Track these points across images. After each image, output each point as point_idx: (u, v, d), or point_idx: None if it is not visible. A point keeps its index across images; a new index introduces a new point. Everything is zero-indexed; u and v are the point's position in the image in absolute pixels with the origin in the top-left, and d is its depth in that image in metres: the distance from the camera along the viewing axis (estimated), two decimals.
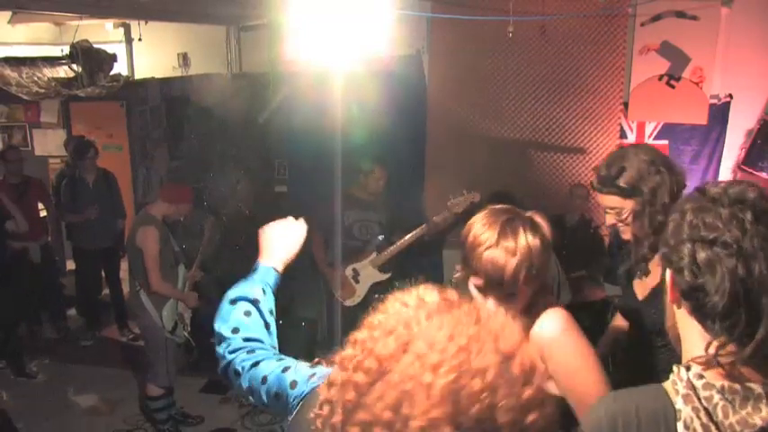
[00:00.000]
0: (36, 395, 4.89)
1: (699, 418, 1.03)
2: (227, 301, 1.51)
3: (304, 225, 1.71)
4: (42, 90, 5.47)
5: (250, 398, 1.38)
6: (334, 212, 4.31)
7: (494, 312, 0.87)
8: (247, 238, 5.81)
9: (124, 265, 5.52)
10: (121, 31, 7.04)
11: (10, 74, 5.29)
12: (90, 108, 7.01)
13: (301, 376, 1.24)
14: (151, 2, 5.17)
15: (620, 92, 5.35)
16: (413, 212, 4.89)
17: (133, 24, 6.78)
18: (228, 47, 6.69)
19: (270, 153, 6.40)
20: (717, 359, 1.04)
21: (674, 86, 5.14)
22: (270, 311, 1.51)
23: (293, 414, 1.20)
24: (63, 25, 6.93)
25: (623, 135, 5.47)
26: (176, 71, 6.94)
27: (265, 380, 1.29)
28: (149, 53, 7.05)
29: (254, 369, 1.34)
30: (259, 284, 1.53)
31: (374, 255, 4.42)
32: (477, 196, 4.21)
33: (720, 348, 1.04)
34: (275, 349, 1.44)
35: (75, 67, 5.49)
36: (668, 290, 1.16)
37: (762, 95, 4.89)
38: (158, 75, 7.03)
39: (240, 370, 1.36)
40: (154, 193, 6.25)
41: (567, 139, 5.58)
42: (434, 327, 0.82)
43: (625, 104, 5.37)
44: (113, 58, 5.82)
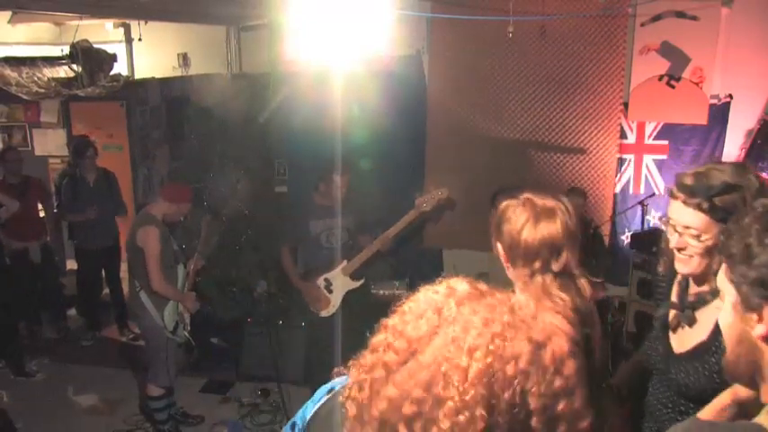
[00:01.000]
0: (36, 395, 4.89)
1: None
2: None
3: None
4: (42, 90, 5.47)
5: None
6: (303, 221, 4.19)
7: (525, 302, 0.89)
8: (247, 238, 5.82)
9: (124, 266, 5.51)
10: (121, 31, 7.05)
11: (10, 74, 5.29)
12: (90, 108, 7.01)
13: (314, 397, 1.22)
14: (151, 2, 5.17)
15: (620, 92, 5.35)
16: (379, 213, 4.69)
17: (133, 24, 6.78)
18: (228, 47, 6.70)
19: (270, 153, 6.41)
20: None
21: (674, 86, 5.14)
22: None
23: (315, 409, 1.18)
24: (63, 25, 6.93)
25: (623, 135, 5.48)
26: (176, 71, 6.94)
27: None
28: (149, 53, 7.05)
29: None
30: None
31: (344, 263, 4.21)
32: (446, 192, 4.08)
33: None
34: None
35: (75, 67, 5.49)
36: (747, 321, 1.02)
37: (762, 95, 4.90)
38: (158, 75, 7.04)
39: None
40: (155, 194, 6.26)
41: (566, 139, 5.58)
42: (469, 312, 0.85)
43: (625, 104, 5.37)
44: (113, 58, 5.82)
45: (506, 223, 1.79)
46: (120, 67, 6.37)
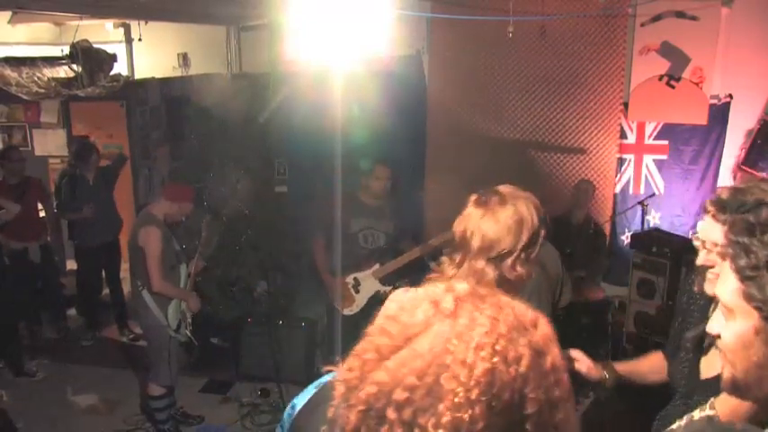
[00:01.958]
0: (36, 395, 4.89)
1: None
2: None
3: None
4: (42, 90, 5.47)
5: None
6: (336, 216, 4.14)
7: (524, 307, 0.89)
8: (247, 238, 5.82)
9: (124, 266, 5.52)
10: (121, 31, 7.05)
11: (10, 74, 5.29)
12: (90, 108, 7.01)
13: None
14: (151, 2, 5.17)
15: (620, 92, 5.35)
16: (417, 221, 4.73)
17: (133, 24, 6.78)
18: (228, 47, 6.70)
19: (270, 153, 6.41)
20: None
21: (674, 87, 5.14)
22: None
23: (300, 406, 1.19)
24: (63, 25, 6.93)
25: (623, 135, 5.48)
26: (176, 71, 6.94)
27: None
28: (149, 53, 7.05)
29: None
30: None
31: (377, 266, 4.22)
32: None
33: None
34: None
35: (75, 67, 5.49)
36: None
37: (762, 95, 4.90)
38: (158, 75, 7.04)
39: None
40: (155, 194, 6.26)
41: (567, 139, 5.58)
42: (472, 309, 0.85)
43: (625, 104, 5.37)
44: (113, 58, 5.81)
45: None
46: (120, 67, 6.37)
